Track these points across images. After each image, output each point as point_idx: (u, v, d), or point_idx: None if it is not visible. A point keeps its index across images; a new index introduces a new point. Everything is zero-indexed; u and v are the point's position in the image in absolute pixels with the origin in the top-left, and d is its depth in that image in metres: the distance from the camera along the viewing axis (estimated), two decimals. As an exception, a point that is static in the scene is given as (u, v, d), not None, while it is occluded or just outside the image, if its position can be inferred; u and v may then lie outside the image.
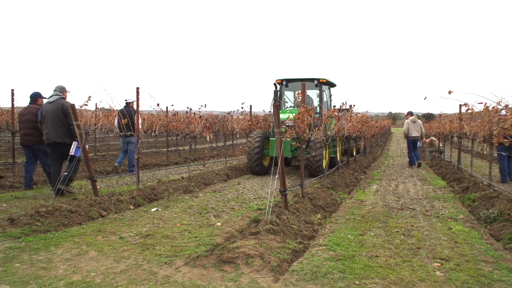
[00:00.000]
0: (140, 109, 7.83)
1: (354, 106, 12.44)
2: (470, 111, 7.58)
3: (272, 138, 10.97)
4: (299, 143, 9.38)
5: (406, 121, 14.60)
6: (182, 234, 5.26)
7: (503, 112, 7.04)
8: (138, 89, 7.71)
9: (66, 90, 7.84)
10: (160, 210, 6.71)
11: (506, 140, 6.70)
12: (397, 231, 5.54)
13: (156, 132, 9.44)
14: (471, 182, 8.95)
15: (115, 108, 8.16)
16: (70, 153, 7.08)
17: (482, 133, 7.97)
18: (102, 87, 9.78)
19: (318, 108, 11.15)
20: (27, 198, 7.38)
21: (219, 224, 5.79)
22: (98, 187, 7.54)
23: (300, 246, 4.77)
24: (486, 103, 7.04)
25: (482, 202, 6.93)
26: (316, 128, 8.13)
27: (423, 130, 14.85)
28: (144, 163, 12.41)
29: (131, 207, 6.81)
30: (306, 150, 9.82)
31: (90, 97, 8.65)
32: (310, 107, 7.28)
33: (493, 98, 6.80)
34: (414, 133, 14.38)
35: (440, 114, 17.32)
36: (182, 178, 9.63)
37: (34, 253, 4.44)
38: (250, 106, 14.85)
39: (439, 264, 4.25)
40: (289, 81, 11.93)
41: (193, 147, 17.37)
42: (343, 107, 11.84)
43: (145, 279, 3.76)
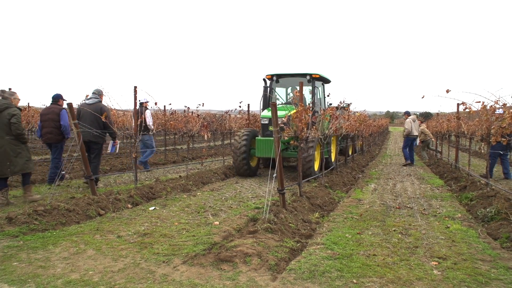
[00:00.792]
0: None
1: (351, 104, 12.44)
2: (467, 110, 7.60)
3: (258, 138, 10.36)
4: (289, 143, 9.05)
5: (408, 120, 14.62)
6: (180, 233, 5.27)
7: (499, 110, 7.07)
8: (136, 88, 7.70)
9: (103, 93, 8.25)
10: (158, 209, 6.71)
11: (503, 139, 6.72)
12: (394, 230, 5.56)
13: (154, 131, 9.43)
14: (469, 181, 8.99)
15: (113, 107, 8.14)
16: (108, 151, 8.01)
17: (479, 132, 8.00)
18: (100, 85, 9.76)
19: (311, 106, 10.93)
20: (25, 197, 7.36)
21: (217, 223, 5.79)
22: (96, 186, 7.54)
23: (298, 244, 4.78)
24: (483, 102, 7.06)
25: (480, 201, 6.96)
26: (314, 127, 7.96)
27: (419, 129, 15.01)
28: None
29: (129, 206, 6.81)
30: (296, 151, 9.62)
31: (87, 95, 8.64)
32: (308, 106, 7.28)
33: (490, 97, 6.81)
34: (415, 132, 14.52)
35: (437, 113, 17.36)
36: (180, 177, 9.63)
37: (32, 251, 4.44)
38: (248, 105, 14.73)
39: (437, 263, 4.27)
40: (279, 76, 11.30)
41: (191, 146, 17.36)
42: (342, 105, 11.80)
43: (143, 278, 3.76)
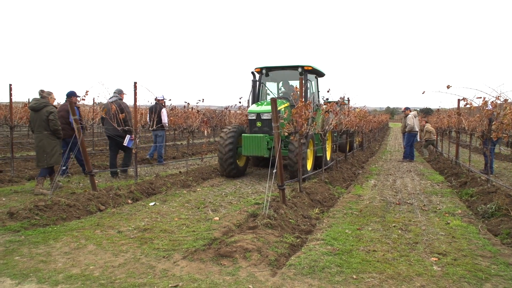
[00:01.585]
0: (137, 103, 7.88)
1: (349, 99, 12.38)
2: (468, 106, 7.59)
3: (245, 134, 9.60)
4: (283, 140, 8.85)
5: (410, 116, 14.55)
6: (180, 228, 5.28)
7: (490, 106, 7.13)
8: (135, 83, 7.68)
9: (123, 92, 9.51)
10: (158, 204, 6.72)
11: (505, 135, 6.71)
12: (394, 226, 5.56)
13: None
14: (469, 177, 8.98)
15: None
16: (124, 144, 8.73)
17: (480, 128, 7.98)
18: (100, 82, 9.74)
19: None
20: (26, 192, 7.38)
21: (217, 218, 5.80)
22: (96, 182, 7.55)
23: (297, 240, 4.78)
24: (484, 98, 7.04)
25: (480, 197, 6.96)
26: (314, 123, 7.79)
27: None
28: (142, 158, 12.39)
29: (129, 202, 6.82)
30: (287, 149, 9.27)
31: (87, 91, 8.63)
32: (308, 102, 7.26)
33: (492, 93, 6.79)
34: (416, 128, 14.48)
35: (438, 109, 17.32)
36: (180, 172, 9.64)
37: (34, 246, 4.45)
38: (248, 100, 14.68)
39: (436, 258, 4.27)
40: (269, 69, 10.63)
41: (190, 142, 17.34)
42: (342, 100, 11.70)
43: (143, 273, 3.78)
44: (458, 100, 10.31)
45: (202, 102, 12.96)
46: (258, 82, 10.71)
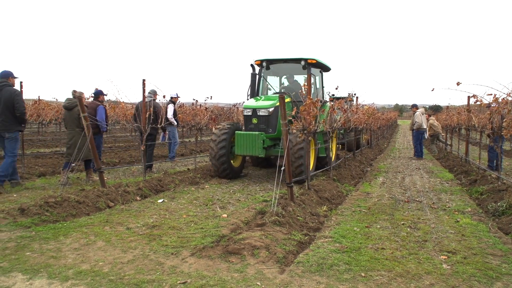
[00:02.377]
0: (146, 100, 7.91)
1: (357, 97, 12.28)
2: (478, 103, 7.50)
3: (239, 132, 8.90)
4: (273, 139, 8.65)
5: (418, 113, 14.41)
6: (188, 225, 5.30)
7: (494, 104, 7.08)
8: (144, 81, 7.72)
9: (157, 93, 9.97)
10: (166, 201, 6.75)
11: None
12: (403, 224, 5.53)
13: (162, 124, 9.47)
14: (479, 174, 8.89)
15: (121, 100, 8.19)
16: (159, 140, 9.52)
17: (490, 125, 7.89)
18: (109, 79, 9.84)
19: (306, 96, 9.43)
20: (37, 189, 7.46)
21: (225, 215, 5.82)
22: (105, 179, 7.61)
23: (306, 237, 4.78)
24: (495, 95, 6.94)
25: (490, 195, 6.89)
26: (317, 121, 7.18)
27: None
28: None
29: (138, 198, 6.86)
30: (281, 148, 8.20)
31: (96, 88, 8.70)
32: (316, 99, 7.21)
33: (503, 90, 6.68)
34: (424, 125, 14.36)
35: (447, 106, 17.14)
36: (188, 169, 9.67)
37: (44, 242, 4.50)
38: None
39: (446, 257, 4.24)
40: (270, 62, 9.88)
41: (199, 139, 17.38)
42: (351, 96, 11.59)
43: (152, 269, 3.80)
44: (468, 97, 10.20)
45: (210, 99, 12.97)
46: (258, 76, 10.03)
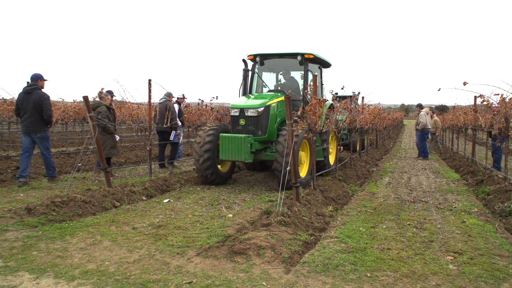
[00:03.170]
0: (152, 101, 7.93)
1: (363, 97, 12.20)
2: (485, 103, 7.44)
3: (223, 134, 7.86)
4: (268, 142, 8.09)
5: (422, 113, 14.33)
6: (194, 225, 5.31)
7: (495, 104, 7.02)
8: (150, 81, 7.75)
9: (172, 95, 10.61)
10: (172, 201, 6.77)
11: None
12: (409, 224, 5.50)
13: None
14: (486, 175, 8.83)
15: (127, 100, 8.23)
16: (170, 138, 10.06)
17: (497, 125, 7.83)
18: (115, 79, 9.86)
19: (302, 94, 8.38)
20: (43, 189, 7.51)
21: (231, 215, 5.82)
22: (111, 178, 7.64)
23: (311, 238, 4.78)
24: (502, 95, 6.89)
25: (497, 195, 6.84)
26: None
27: None
28: (156, 155, 12.49)
29: (144, 198, 6.89)
30: (272, 152, 8.06)
31: (102, 89, 8.74)
32: (322, 99, 7.19)
33: (510, 89, 6.63)
34: (429, 125, 14.30)
35: (454, 106, 17.04)
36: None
37: (51, 242, 4.54)
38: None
39: (452, 257, 4.21)
40: (264, 57, 9.00)
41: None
42: (355, 95, 11.48)
43: (157, 269, 3.82)
44: (475, 97, 10.13)
45: (216, 99, 12.99)
46: (251, 72, 9.18)
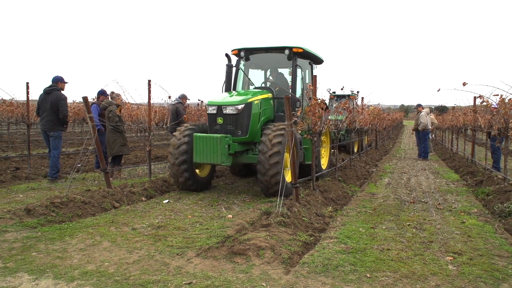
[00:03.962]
0: (151, 101, 7.94)
1: (362, 97, 12.20)
2: (485, 104, 7.45)
3: (197, 134, 7.07)
4: (244, 143, 7.28)
5: (423, 113, 14.32)
6: (193, 226, 5.31)
7: (494, 105, 7.03)
8: (149, 81, 7.75)
9: (185, 97, 10.71)
10: (171, 202, 6.77)
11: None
12: (409, 225, 5.50)
13: (168, 124, 9.51)
14: (485, 175, 8.83)
15: (127, 100, 8.24)
16: None
17: (497, 125, 7.83)
18: (114, 80, 9.88)
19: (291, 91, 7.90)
20: (43, 189, 7.51)
21: (230, 216, 5.82)
22: (111, 179, 7.64)
23: (311, 238, 4.77)
24: (502, 95, 6.90)
25: (497, 196, 6.84)
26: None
27: None
28: (156, 155, 12.50)
29: (143, 199, 6.88)
30: (256, 154, 7.40)
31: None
32: (321, 99, 7.17)
33: (509, 90, 6.64)
34: (429, 125, 14.31)
35: (453, 107, 17.05)
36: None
37: (50, 242, 4.53)
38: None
39: (452, 258, 4.22)
40: (249, 52, 8.30)
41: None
42: (353, 93, 11.45)
43: (157, 270, 3.81)
44: (474, 97, 10.13)
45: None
46: (236, 68, 8.46)
